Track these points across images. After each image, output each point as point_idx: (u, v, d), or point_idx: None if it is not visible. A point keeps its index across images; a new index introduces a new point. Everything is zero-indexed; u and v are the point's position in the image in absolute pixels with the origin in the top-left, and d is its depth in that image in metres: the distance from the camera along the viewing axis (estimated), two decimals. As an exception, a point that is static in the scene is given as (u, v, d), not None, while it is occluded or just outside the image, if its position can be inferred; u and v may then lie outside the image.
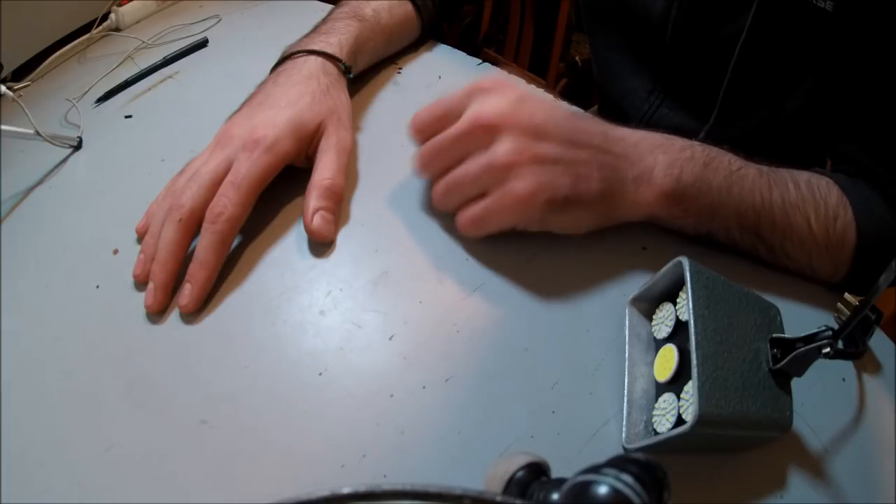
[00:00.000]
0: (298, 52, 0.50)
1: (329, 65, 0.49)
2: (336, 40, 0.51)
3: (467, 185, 0.40)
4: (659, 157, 0.41)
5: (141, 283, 0.41)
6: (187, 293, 0.40)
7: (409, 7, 0.59)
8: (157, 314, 0.40)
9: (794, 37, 0.48)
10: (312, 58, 0.49)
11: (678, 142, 0.42)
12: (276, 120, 0.44)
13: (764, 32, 0.49)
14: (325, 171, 0.44)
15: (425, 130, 0.43)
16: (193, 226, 0.41)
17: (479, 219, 0.40)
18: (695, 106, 0.58)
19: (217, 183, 0.41)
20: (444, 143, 0.41)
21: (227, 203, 0.41)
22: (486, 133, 0.39)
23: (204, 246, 0.40)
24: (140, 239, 0.44)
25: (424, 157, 0.42)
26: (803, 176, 0.44)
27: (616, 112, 0.65)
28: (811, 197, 0.43)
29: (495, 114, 0.39)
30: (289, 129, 0.44)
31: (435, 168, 0.42)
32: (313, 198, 0.43)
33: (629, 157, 0.41)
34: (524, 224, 0.40)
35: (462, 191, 0.41)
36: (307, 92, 0.46)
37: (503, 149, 0.39)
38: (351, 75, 0.51)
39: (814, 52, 0.48)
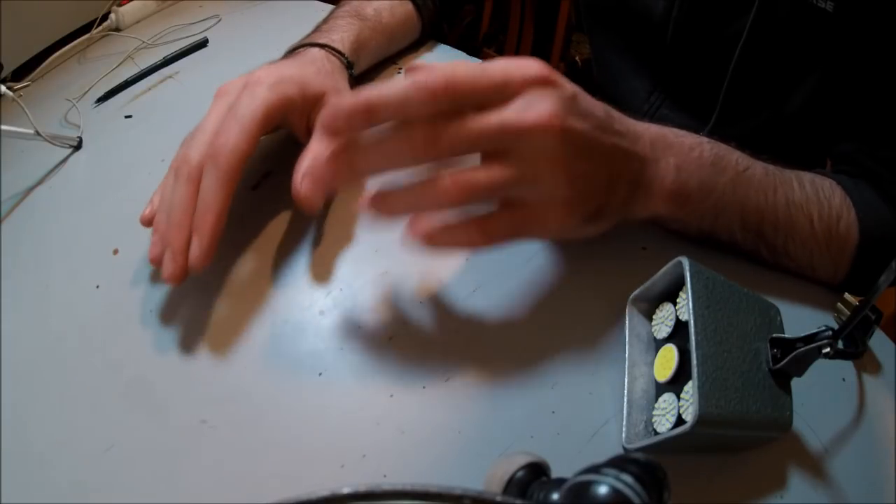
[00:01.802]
0: (301, 45, 0.50)
1: (332, 57, 0.49)
2: (338, 37, 0.51)
3: (505, 191, 0.34)
4: (671, 160, 0.39)
5: (159, 266, 0.38)
6: (195, 246, 0.37)
7: (410, 7, 0.59)
8: (179, 283, 0.37)
9: (794, 37, 0.48)
10: (316, 49, 0.49)
11: (687, 140, 0.41)
12: (279, 68, 0.43)
13: (765, 33, 0.49)
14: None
15: (448, 95, 0.32)
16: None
17: (514, 233, 0.36)
18: (695, 107, 0.58)
19: None
20: (493, 132, 0.32)
21: (230, 135, 0.38)
22: (540, 139, 0.33)
23: (207, 186, 0.37)
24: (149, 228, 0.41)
25: (466, 137, 0.32)
26: (807, 176, 0.44)
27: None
28: (815, 197, 0.42)
29: (553, 118, 0.32)
30: (292, 79, 0.42)
31: (471, 146, 0.33)
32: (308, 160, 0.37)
33: (647, 158, 0.39)
34: (552, 238, 0.39)
35: (496, 194, 0.34)
36: (313, 65, 0.46)
37: (552, 162, 0.33)
38: (353, 71, 0.51)
39: (814, 53, 0.48)
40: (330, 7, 0.59)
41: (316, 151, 0.37)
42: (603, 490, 0.21)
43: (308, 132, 0.44)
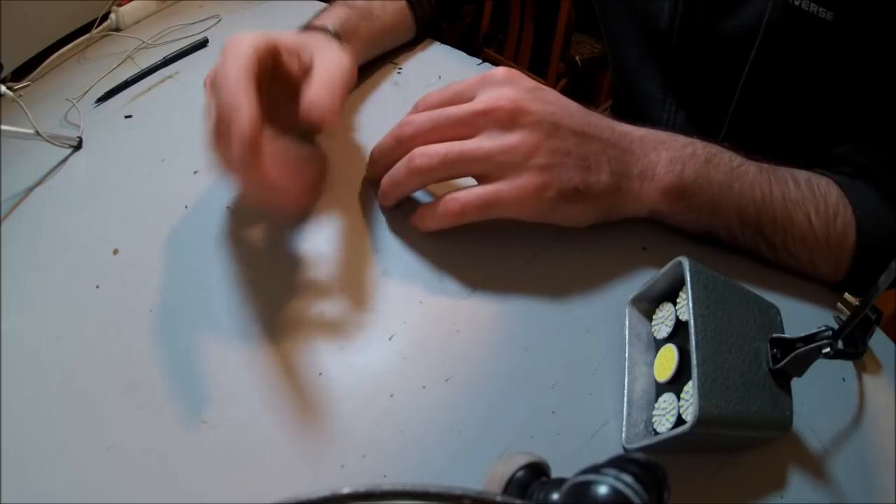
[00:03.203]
0: None
1: (317, 33, 0.49)
2: (321, 23, 0.51)
3: (477, 161, 0.39)
4: (662, 154, 0.41)
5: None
6: (242, 118, 0.35)
7: (403, 4, 0.59)
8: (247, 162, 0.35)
9: (795, 46, 0.48)
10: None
11: (680, 139, 0.43)
12: (255, 32, 0.41)
13: (765, 43, 0.49)
14: (327, 66, 0.42)
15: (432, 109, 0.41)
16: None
17: (489, 203, 0.39)
18: (705, 117, 0.57)
19: None
20: (457, 115, 0.40)
21: (236, 50, 0.37)
22: (504, 118, 0.39)
23: (228, 88, 0.36)
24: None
25: (430, 121, 0.40)
26: (803, 174, 0.44)
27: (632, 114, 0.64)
28: (811, 194, 0.43)
29: (513, 101, 0.39)
30: (269, 35, 0.40)
31: (438, 135, 0.40)
32: (317, 86, 0.39)
33: (634, 151, 0.41)
34: (530, 215, 0.40)
35: (469, 165, 0.39)
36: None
37: (520, 136, 0.39)
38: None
39: (815, 60, 0.48)
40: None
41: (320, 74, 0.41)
42: (603, 490, 0.21)
43: (302, 75, 0.42)
